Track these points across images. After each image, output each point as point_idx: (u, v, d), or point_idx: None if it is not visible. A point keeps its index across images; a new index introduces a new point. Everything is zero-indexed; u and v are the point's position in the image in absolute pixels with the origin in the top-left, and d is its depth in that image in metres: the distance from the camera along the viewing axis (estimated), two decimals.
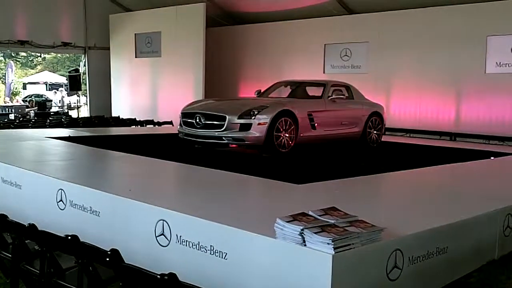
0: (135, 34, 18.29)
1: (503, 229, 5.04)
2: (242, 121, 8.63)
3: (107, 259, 2.57)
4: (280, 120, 8.84)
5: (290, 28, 16.70)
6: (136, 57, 18.44)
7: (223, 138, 8.72)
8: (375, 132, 11.10)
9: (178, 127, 9.69)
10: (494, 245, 4.94)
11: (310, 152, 9.57)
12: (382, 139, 11.42)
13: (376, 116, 11.09)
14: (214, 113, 8.92)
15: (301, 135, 9.25)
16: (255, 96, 10.73)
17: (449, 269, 4.32)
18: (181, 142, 9.69)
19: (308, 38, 16.16)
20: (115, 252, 2.59)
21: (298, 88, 10.97)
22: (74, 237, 2.91)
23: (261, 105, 8.96)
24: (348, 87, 10.83)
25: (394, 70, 14.53)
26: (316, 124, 9.55)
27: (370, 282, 3.55)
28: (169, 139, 11.33)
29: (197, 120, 8.96)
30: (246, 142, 8.76)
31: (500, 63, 12.79)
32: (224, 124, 8.67)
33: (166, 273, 4.16)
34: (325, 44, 16.01)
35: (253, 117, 8.63)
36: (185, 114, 9.40)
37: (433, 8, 13.68)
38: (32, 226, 3.22)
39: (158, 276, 2.30)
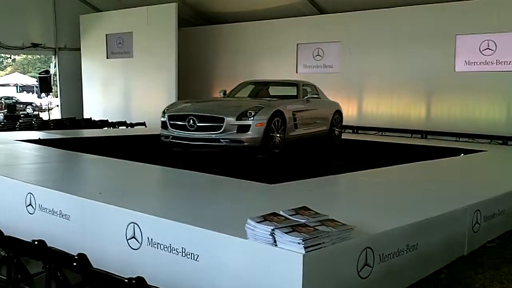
0: (106, 34, 18.10)
1: (472, 225, 5.13)
2: (240, 122, 8.47)
3: (74, 263, 2.53)
4: (274, 121, 8.80)
5: (262, 28, 16.74)
6: (107, 58, 18.24)
7: (221, 140, 8.52)
8: (337, 129, 11.28)
9: (161, 130, 9.31)
10: (464, 241, 5.03)
11: (282, 151, 9.58)
12: (356, 138, 11.51)
13: (338, 114, 11.29)
14: (211, 115, 8.68)
15: (288, 134, 9.27)
16: (221, 96, 10.61)
17: (419, 265, 4.37)
18: (155, 143, 9.59)
19: (281, 38, 16.22)
20: (82, 257, 2.55)
21: (265, 88, 10.97)
22: (41, 242, 2.86)
23: (256, 105, 8.83)
24: (314, 86, 10.91)
25: (366, 70, 14.65)
26: (298, 124, 9.58)
27: (341, 280, 3.57)
28: (142, 141, 11.26)
29: (191, 123, 8.68)
30: (244, 144, 8.55)
31: (469, 61, 13.01)
32: (222, 126, 8.47)
33: (138, 276, 4.16)
34: (297, 44, 16.07)
35: (250, 118, 8.50)
36: (173, 117, 9.06)
37: (403, 8, 13.85)
38: None
39: (125, 280, 2.27)
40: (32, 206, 5.29)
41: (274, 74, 14.73)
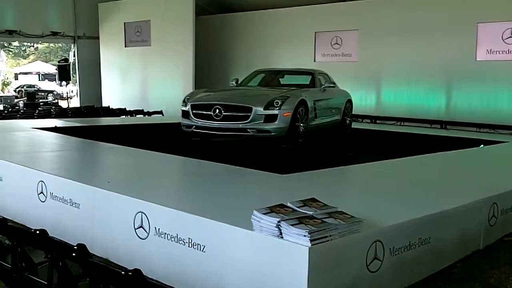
0: (124, 23, 18.10)
1: (488, 219, 5.00)
2: (268, 112, 8.30)
3: (73, 254, 2.50)
4: (298, 110, 8.65)
5: (280, 16, 16.57)
6: (125, 46, 18.26)
7: (248, 130, 8.36)
8: (348, 118, 11.15)
9: (183, 119, 9.03)
10: (479, 235, 4.91)
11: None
12: (374, 128, 11.34)
13: (349, 103, 11.13)
14: (239, 104, 8.50)
15: (309, 124, 9.15)
16: (234, 84, 10.35)
17: (432, 260, 4.28)
18: (171, 132, 9.49)
19: (299, 26, 16.03)
20: (81, 247, 2.52)
21: (276, 77, 10.81)
22: (42, 232, 2.83)
23: (282, 95, 8.68)
24: (327, 75, 10.74)
25: (385, 58, 14.42)
26: (317, 113, 9.47)
27: (349, 274, 3.50)
28: (158, 129, 11.26)
29: (217, 112, 8.45)
30: (271, 134, 8.39)
31: (490, 50, 12.72)
32: (249, 116, 8.30)
33: (144, 266, 4.13)
34: (315, 32, 15.88)
35: (277, 108, 8.34)
36: (197, 106, 8.80)
37: None
38: (2, 220, 3.13)
39: (122, 272, 2.23)
40: (44, 194, 5.30)
41: (291, 63, 14.55)
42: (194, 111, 8.81)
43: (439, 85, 13.62)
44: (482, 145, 9.78)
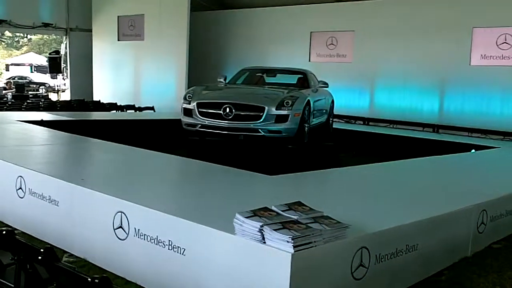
0: (118, 16, 17.89)
1: (477, 226, 4.92)
2: (279, 112, 8.12)
3: (39, 257, 2.36)
4: (305, 111, 8.53)
5: (276, 14, 16.46)
6: (118, 40, 18.06)
7: (259, 130, 8.14)
8: (331, 119, 11.08)
9: (184, 117, 8.61)
10: (467, 242, 4.82)
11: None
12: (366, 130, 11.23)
13: (332, 104, 11.05)
14: (251, 104, 8.27)
15: (310, 124, 9.06)
16: (225, 82, 9.94)
17: (419, 267, 4.19)
18: (162, 129, 9.30)
19: (294, 25, 15.93)
20: (48, 251, 2.38)
21: (263, 76, 10.63)
22: (9, 233, 2.69)
23: (291, 95, 8.52)
24: (314, 75, 10.60)
25: (379, 60, 14.35)
26: (314, 113, 9.36)
27: (332, 281, 3.39)
28: (149, 126, 11.11)
29: (227, 111, 8.14)
30: (282, 134, 8.22)
31: (485, 55, 12.66)
32: (261, 116, 8.08)
33: (122, 268, 4.01)
34: (311, 32, 15.77)
35: (287, 108, 8.17)
36: (204, 104, 8.43)
37: None
38: None
39: (89, 279, 2.10)
40: (22, 190, 5.14)
41: (286, 62, 14.40)
42: (200, 110, 8.42)
43: (432, 89, 13.57)
44: (473, 150, 9.71)
